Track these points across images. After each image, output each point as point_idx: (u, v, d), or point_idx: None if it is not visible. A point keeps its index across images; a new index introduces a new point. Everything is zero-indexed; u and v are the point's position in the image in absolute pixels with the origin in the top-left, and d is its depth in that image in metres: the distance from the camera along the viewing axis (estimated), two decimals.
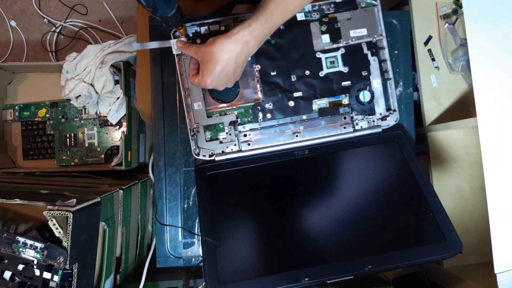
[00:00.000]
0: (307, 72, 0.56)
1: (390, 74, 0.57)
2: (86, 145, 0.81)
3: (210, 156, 0.56)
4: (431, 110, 0.66)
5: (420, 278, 0.60)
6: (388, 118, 0.57)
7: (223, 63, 0.45)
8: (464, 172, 0.65)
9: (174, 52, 0.53)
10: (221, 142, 0.56)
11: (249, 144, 0.57)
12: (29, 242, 0.43)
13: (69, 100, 0.79)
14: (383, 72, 0.57)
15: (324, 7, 0.56)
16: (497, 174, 0.50)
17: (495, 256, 0.49)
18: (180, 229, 0.57)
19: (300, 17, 0.56)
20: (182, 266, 0.57)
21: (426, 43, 0.66)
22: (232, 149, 0.56)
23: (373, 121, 0.57)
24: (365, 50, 0.57)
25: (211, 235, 0.49)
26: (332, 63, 0.56)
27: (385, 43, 0.56)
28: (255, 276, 0.45)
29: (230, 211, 0.52)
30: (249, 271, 0.46)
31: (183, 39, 0.53)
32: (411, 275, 0.59)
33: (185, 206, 0.58)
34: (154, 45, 0.53)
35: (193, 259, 0.57)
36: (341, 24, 0.56)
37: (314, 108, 0.57)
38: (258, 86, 0.56)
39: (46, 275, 0.44)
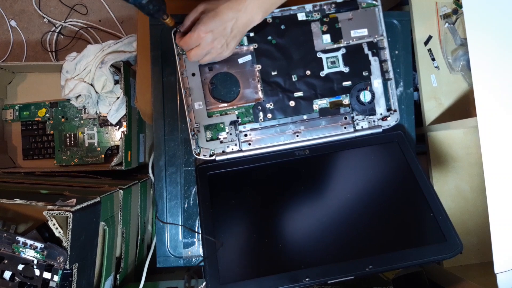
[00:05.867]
0: (308, 72, 0.56)
1: (391, 75, 0.57)
2: (86, 145, 0.81)
3: (210, 156, 0.56)
4: (431, 110, 0.66)
5: (420, 278, 0.60)
6: (388, 118, 0.57)
7: (225, 17, 0.45)
8: (464, 172, 0.65)
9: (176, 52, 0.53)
10: (221, 142, 0.56)
11: (249, 144, 0.57)
12: (29, 242, 0.43)
13: (69, 100, 0.78)
14: (383, 72, 0.57)
15: (325, 7, 0.56)
16: (497, 174, 0.50)
17: (495, 256, 0.49)
18: (180, 229, 0.57)
19: (301, 17, 0.56)
20: (183, 266, 0.57)
21: (426, 43, 0.66)
22: (232, 149, 0.56)
23: (374, 121, 0.57)
24: (366, 50, 0.57)
25: (211, 235, 0.49)
26: (333, 63, 0.56)
27: (385, 43, 0.56)
28: (256, 276, 0.45)
29: (231, 211, 0.52)
30: (250, 271, 0.46)
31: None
32: (411, 275, 0.59)
33: (186, 205, 0.58)
34: None
35: (194, 259, 0.57)
36: (342, 24, 0.56)
37: (314, 108, 0.57)
38: (258, 85, 0.56)
39: (46, 275, 0.43)
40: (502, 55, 0.52)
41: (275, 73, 0.56)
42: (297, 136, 0.57)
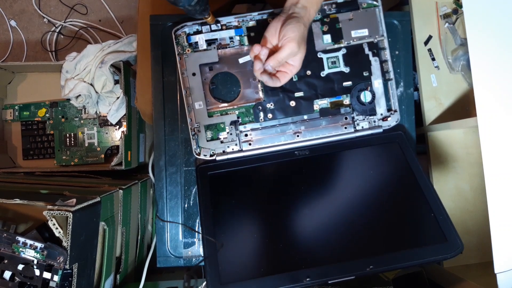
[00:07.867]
0: (309, 72, 0.56)
1: (391, 75, 0.57)
2: (86, 145, 0.81)
3: (211, 156, 0.56)
4: (431, 109, 0.66)
5: (420, 278, 0.60)
6: (389, 119, 0.57)
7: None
8: (464, 172, 0.65)
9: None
10: (222, 142, 0.56)
11: (250, 144, 0.56)
12: (29, 242, 0.43)
13: (69, 100, 0.78)
14: (384, 72, 0.57)
15: (325, 7, 0.56)
16: (497, 174, 0.50)
17: (495, 256, 0.49)
18: (180, 228, 0.57)
19: None
20: (183, 266, 0.57)
21: (426, 43, 0.66)
22: (233, 149, 0.56)
23: (374, 121, 0.57)
24: (367, 51, 0.57)
25: (212, 235, 0.49)
26: (333, 63, 0.56)
27: (386, 44, 0.56)
28: (256, 276, 0.45)
29: (231, 211, 0.52)
30: (250, 271, 0.46)
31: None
32: (411, 275, 0.59)
33: (186, 205, 0.58)
34: None
35: (194, 259, 0.57)
36: (343, 25, 0.56)
37: (315, 108, 0.57)
38: (259, 85, 0.56)
39: (46, 275, 0.43)
40: (502, 55, 0.52)
41: None
42: (298, 136, 0.57)
